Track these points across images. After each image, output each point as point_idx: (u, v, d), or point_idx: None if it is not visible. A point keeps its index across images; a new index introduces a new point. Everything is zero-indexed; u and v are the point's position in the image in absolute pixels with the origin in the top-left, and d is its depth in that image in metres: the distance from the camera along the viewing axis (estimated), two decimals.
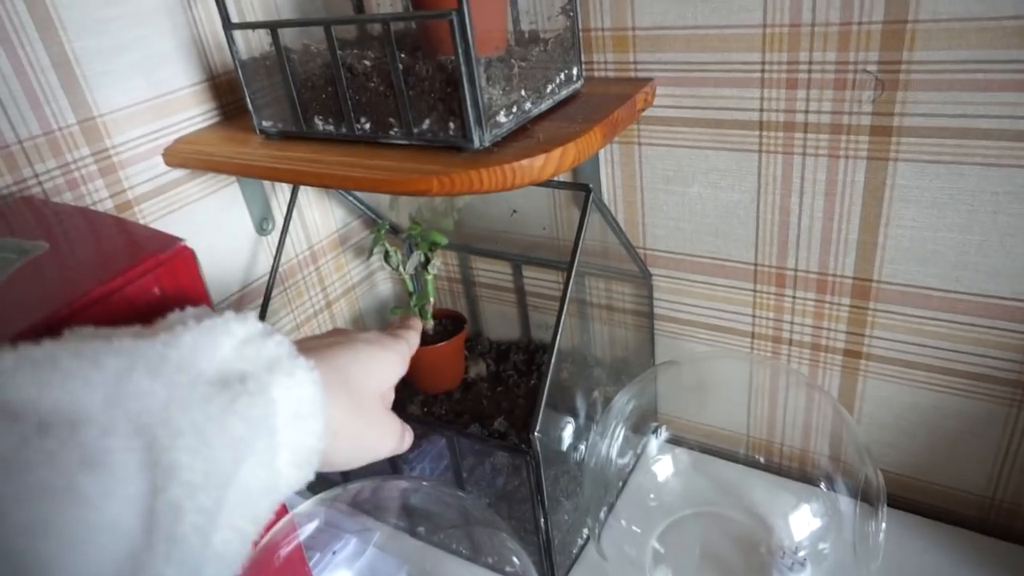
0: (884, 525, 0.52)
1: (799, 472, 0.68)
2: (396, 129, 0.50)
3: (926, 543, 0.60)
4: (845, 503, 0.57)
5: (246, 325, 0.29)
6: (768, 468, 0.70)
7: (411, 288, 0.75)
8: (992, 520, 0.62)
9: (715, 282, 0.64)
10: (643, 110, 0.57)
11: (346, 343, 0.37)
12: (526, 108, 0.50)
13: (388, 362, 0.39)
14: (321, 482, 0.74)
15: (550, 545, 0.58)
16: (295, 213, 0.73)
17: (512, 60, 0.49)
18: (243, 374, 0.27)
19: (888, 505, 0.63)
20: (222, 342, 0.28)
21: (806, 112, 0.53)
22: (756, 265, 0.61)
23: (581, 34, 0.58)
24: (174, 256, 0.36)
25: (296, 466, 0.29)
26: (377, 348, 0.38)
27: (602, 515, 0.62)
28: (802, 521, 0.61)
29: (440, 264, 0.82)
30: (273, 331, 0.30)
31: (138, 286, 0.35)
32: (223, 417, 0.25)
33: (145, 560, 0.22)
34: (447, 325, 0.77)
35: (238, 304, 0.70)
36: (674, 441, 0.68)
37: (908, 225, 0.53)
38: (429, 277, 0.74)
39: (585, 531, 0.64)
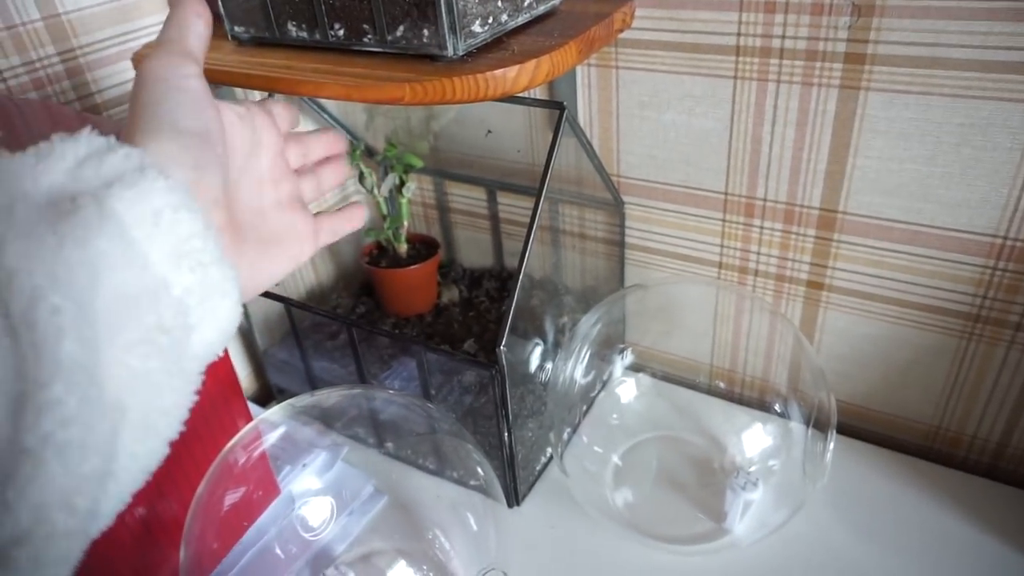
0: (832, 446, 0.54)
1: (758, 400, 0.70)
2: (370, 36, 0.49)
3: (873, 467, 0.63)
4: (798, 426, 0.59)
5: (80, 144, 0.26)
6: (730, 396, 0.72)
7: (385, 211, 0.75)
8: (936, 448, 0.65)
9: (686, 211, 0.65)
10: (621, 30, 0.56)
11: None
12: (502, 20, 0.50)
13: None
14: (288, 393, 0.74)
15: (513, 459, 0.60)
16: None
17: None
18: (75, 194, 0.24)
19: (841, 433, 0.66)
20: (49, 165, 0.25)
21: (783, 37, 0.53)
22: (726, 195, 0.62)
23: None
24: None
25: (189, 269, 0.27)
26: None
27: (566, 434, 0.64)
28: (754, 440, 0.63)
29: (415, 187, 0.81)
30: (120, 145, 0.27)
31: None
32: (54, 230, 0.23)
33: (27, 372, 0.21)
34: (420, 249, 0.78)
35: None
36: (639, 367, 0.70)
37: (875, 156, 0.54)
38: (403, 200, 0.74)
39: (549, 449, 0.66)
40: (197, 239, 0.27)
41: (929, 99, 0.50)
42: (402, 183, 0.74)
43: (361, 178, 0.73)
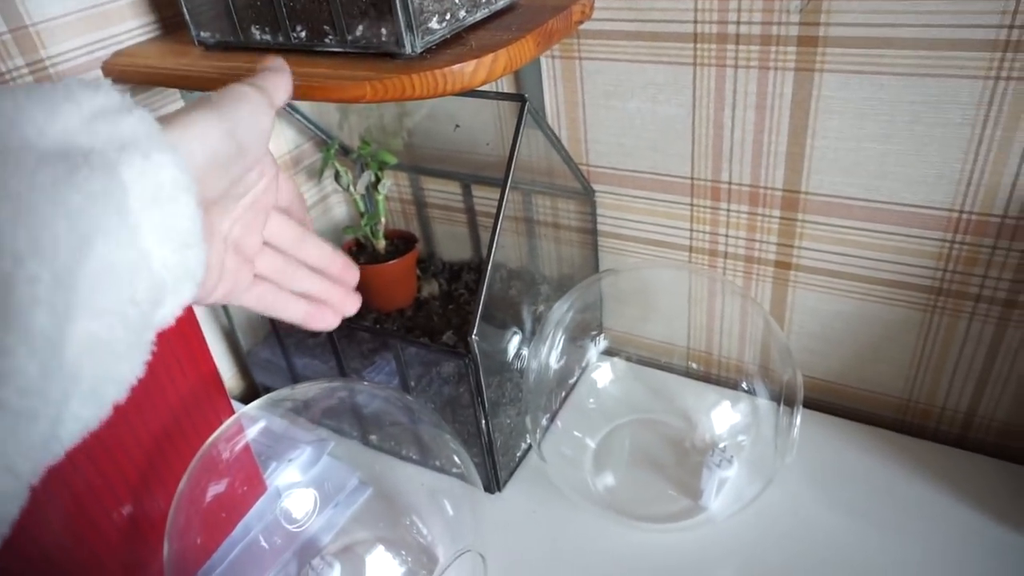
0: (799, 421, 0.55)
1: (732, 379, 0.71)
2: (331, 36, 0.50)
3: (847, 441, 0.64)
4: (768, 404, 0.61)
5: (98, 95, 0.26)
6: (706, 377, 0.73)
7: (362, 208, 0.76)
8: (908, 420, 0.66)
9: (655, 197, 0.66)
10: (580, 22, 0.57)
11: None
12: (460, 16, 0.51)
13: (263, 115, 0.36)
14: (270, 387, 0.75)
15: (492, 446, 0.61)
16: None
17: None
18: (88, 150, 0.24)
19: (816, 409, 0.67)
20: (64, 111, 0.25)
21: (738, 24, 0.54)
22: (693, 179, 0.63)
23: None
24: None
25: (172, 249, 0.27)
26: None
27: (544, 421, 0.65)
28: (727, 418, 0.64)
29: (391, 184, 0.82)
30: (135, 106, 0.27)
31: None
32: (54, 189, 0.23)
33: None
34: (399, 245, 0.79)
35: None
36: (615, 351, 0.71)
37: (833, 136, 0.55)
38: (380, 197, 0.75)
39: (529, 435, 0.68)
40: (187, 220, 0.28)
41: (881, 79, 0.51)
42: (377, 180, 0.75)
43: (337, 176, 0.74)
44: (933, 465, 0.61)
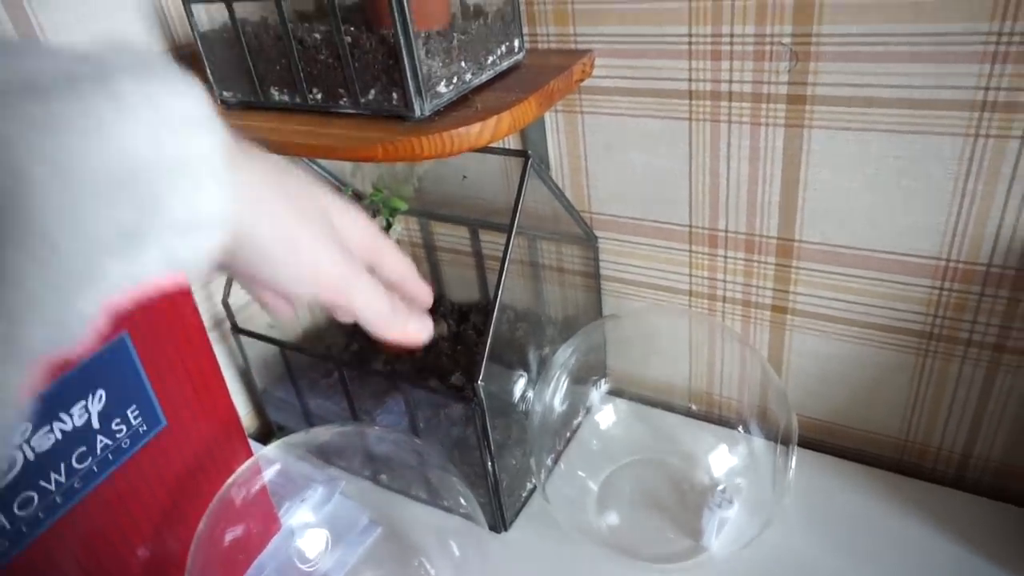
0: (794, 463, 0.57)
1: (733, 420, 0.73)
2: (345, 99, 0.54)
3: (845, 481, 0.65)
4: (766, 445, 0.62)
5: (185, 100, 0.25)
6: (707, 418, 0.75)
7: None
8: (905, 460, 0.67)
9: (655, 244, 0.69)
10: (581, 80, 0.60)
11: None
12: (466, 79, 0.54)
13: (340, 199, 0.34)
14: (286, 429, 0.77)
15: (498, 487, 0.63)
16: None
17: (453, 34, 0.52)
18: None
19: (815, 449, 0.68)
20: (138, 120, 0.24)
21: (730, 82, 0.57)
22: (691, 227, 0.66)
23: (523, 7, 0.61)
24: None
25: (187, 140, 0.25)
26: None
27: (549, 462, 0.67)
28: (726, 460, 0.66)
29: (401, 229, 0.85)
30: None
31: None
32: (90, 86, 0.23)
33: None
34: None
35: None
36: (619, 392, 0.73)
37: (823, 188, 0.58)
38: None
39: (534, 476, 0.69)
40: (209, 148, 0.26)
41: (867, 135, 0.54)
42: (389, 225, 0.78)
43: None
44: (930, 505, 0.62)
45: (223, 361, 0.78)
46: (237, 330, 0.73)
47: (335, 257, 0.33)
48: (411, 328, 0.37)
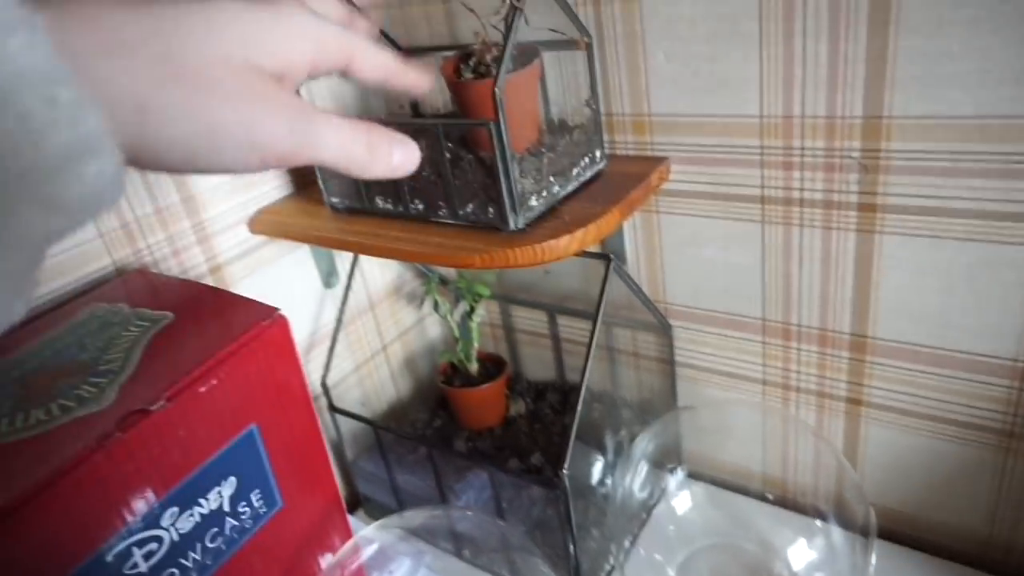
0: (874, 560, 0.58)
1: (806, 509, 0.74)
2: (444, 210, 0.59)
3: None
4: (843, 538, 0.63)
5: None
6: (782, 503, 0.76)
7: (457, 334, 0.84)
8: (988, 556, 0.67)
9: (728, 334, 0.72)
10: (658, 186, 0.65)
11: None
12: (555, 192, 0.59)
13: (257, 22, 0.28)
14: (379, 510, 0.82)
15: (579, 570, 0.65)
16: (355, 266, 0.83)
17: (543, 152, 0.58)
18: None
19: (891, 540, 0.69)
20: None
21: (801, 190, 0.60)
22: (764, 320, 0.68)
23: (604, 119, 0.67)
24: (274, 323, 0.46)
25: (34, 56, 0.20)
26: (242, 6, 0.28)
27: (626, 544, 0.70)
28: (802, 551, 0.67)
29: (484, 312, 0.91)
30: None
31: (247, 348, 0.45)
32: None
33: None
34: (489, 368, 0.86)
35: (307, 351, 0.80)
36: (694, 477, 0.75)
37: (896, 288, 0.60)
38: (474, 324, 0.83)
39: (612, 559, 0.72)
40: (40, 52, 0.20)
41: (939, 241, 0.56)
42: (472, 309, 0.83)
43: (436, 306, 0.83)
44: None
45: None
46: (333, 409, 0.78)
47: (271, 104, 0.27)
48: (395, 161, 0.34)
